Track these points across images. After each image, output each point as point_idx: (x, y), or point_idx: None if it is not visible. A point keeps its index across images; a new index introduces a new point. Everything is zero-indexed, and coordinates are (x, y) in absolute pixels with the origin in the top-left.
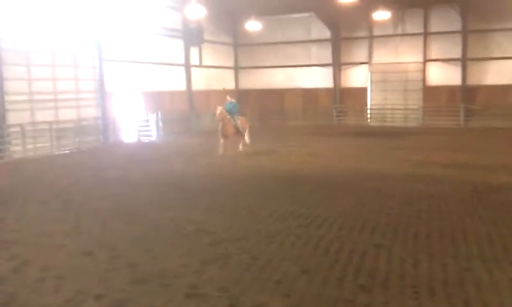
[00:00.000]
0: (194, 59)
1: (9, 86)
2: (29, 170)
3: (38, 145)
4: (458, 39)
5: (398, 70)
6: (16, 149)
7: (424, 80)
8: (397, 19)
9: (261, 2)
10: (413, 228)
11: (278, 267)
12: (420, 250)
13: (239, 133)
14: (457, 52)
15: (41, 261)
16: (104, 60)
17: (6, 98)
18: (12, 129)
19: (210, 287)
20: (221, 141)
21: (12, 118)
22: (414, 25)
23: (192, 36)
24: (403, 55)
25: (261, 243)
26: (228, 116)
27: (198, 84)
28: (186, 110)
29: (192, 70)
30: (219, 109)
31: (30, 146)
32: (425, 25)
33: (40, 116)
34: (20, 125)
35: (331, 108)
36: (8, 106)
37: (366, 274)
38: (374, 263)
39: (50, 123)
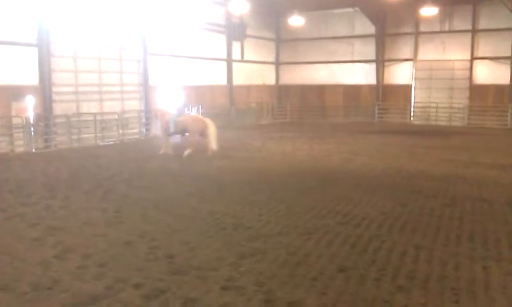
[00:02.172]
0: (235, 54)
1: (57, 77)
2: (74, 160)
3: (83, 136)
4: (508, 36)
5: (444, 67)
6: (62, 140)
7: (470, 78)
8: (445, 15)
9: None
10: (455, 229)
11: (314, 264)
12: (462, 252)
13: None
14: (506, 50)
15: (83, 249)
16: (148, 54)
17: (53, 89)
18: (58, 120)
19: (246, 281)
20: (164, 139)
21: (58, 109)
22: (462, 21)
23: (235, 31)
24: (450, 53)
25: (298, 239)
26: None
27: (239, 79)
28: (226, 104)
29: (234, 64)
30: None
31: (75, 137)
32: (474, 22)
33: (85, 108)
34: (66, 116)
35: (373, 105)
36: (54, 97)
37: (405, 274)
38: (414, 264)
39: (94, 114)
